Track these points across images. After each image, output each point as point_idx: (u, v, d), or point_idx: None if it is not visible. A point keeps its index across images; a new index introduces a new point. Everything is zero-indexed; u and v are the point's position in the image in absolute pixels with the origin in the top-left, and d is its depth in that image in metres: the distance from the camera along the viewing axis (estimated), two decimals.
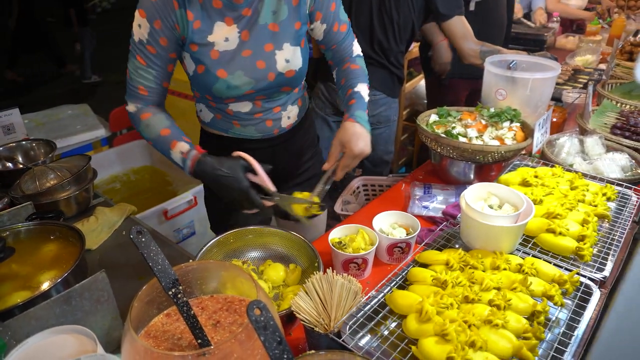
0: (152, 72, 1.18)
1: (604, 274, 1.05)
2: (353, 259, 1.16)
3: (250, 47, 1.20)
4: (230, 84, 1.20)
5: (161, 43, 1.14)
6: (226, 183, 1.12)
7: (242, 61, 1.20)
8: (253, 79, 1.22)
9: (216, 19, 1.16)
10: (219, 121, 1.37)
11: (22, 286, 0.96)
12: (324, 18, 1.30)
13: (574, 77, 2.68)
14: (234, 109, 1.31)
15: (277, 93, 1.31)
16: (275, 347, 0.63)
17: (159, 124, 1.20)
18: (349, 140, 1.24)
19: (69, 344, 0.73)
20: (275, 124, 1.38)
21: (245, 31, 1.19)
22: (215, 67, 1.18)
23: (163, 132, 1.19)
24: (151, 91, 1.21)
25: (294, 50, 1.25)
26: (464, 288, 0.95)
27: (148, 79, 1.19)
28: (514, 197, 1.14)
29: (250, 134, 1.38)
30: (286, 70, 1.25)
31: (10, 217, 1.21)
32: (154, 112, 1.22)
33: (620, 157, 1.63)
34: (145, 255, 0.81)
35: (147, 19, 1.12)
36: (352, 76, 1.38)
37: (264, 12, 1.19)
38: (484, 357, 0.80)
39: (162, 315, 0.90)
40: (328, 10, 1.30)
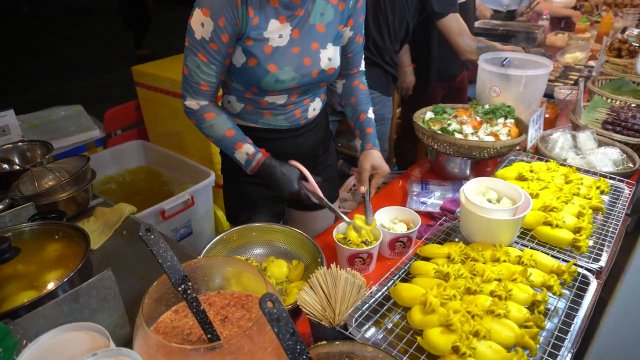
0: (214, 68, 1.25)
1: (600, 264, 1.08)
2: (358, 254, 1.17)
3: (299, 44, 1.28)
4: (279, 78, 1.27)
5: (223, 40, 1.20)
6: (282, 184, 1.30)
7: (291, 57, 1.27)
8: (299, 74, 1.29)
9: (271, 16, 1.23)
10: (248, 112, 1.42)
11: (28, 286, 0.96)
12: (353, 26, 1.41)
13: (564, 73, 2.72)
14: (270, 100, 1.37)
15: (315, 88, 1.41)
16: (288, 339, 0.64)
17: (223, 125, 1.33)
18: (379, 165, 1.42)
19: (81, 340, 0.74)
20: (303, 114, 1.45)
21: (296, 30, 1.27)
22: (267, 62, 1.25)
23: (228, 133, 1.33)
24: (212, 86, 1.30)
25: (335, 49, 1.35)
26: (465, 280, 0.97)
27: (210, 75, 1.26)
28: (511, 191, 1.16)
29: (279, 124, 1.44)
30: (328, 68, 1.34)
31: (11, 218, 1.21)
32: (217, 112, 1.33)
33: (612, 151, 1.67)
34: (154, 252, 0.82)
35: (211, 17, 1.17)
36: (363, 99, 1.53)
37: (314, 13, 1.28)
38: (488, 346, 0.82)
39: (170, 311, 0.91)
40: (358, 20, 1.41)
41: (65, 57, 7.63)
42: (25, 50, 8.08)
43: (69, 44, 8.38)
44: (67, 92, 5.92)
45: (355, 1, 1.36)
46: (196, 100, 1.30)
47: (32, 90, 6.10)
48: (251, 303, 0.92)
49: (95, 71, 6.76)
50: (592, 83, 2.29)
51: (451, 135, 1.61)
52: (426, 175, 1.81)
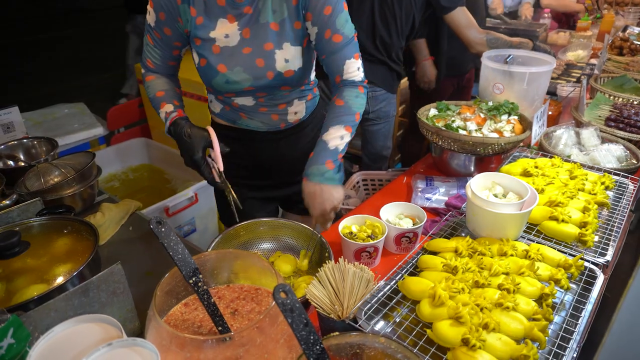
0: (158, 52, 1.31)
1: (607, 259, 1.09)
2: (364, 248, 1.18)
3: (251, 44, 1.23)
4: (230, 79, 1.25)
5: (165, 32, 1.24)
6: (186, 148, 1.23)
7: (242, 58, 1.23)
8: (252, 76, 1.25)
9: (219, 15, 1.21)
10: (227, 112, 1.42)
11: (38, 279, 0.96)
12: (315, 20, 1.21)
13: (567, 71, 2.73)
14: (239, 102, 1.36)
15: (278, 91, 1.34)
16: (302, 329, 0.65)
17: (157, 86, 1.35)
18: (307, 204, 1.22)
19: (94, 332, 0.75)
20: (282, 118, 1.41)
21: (247, 29, 1.22)
22: (216, 62, 1.24)
23: (158, 93, 1.33)
24: (157, 66, 1.36)
25: (295, 50, 1.25)
26: (473, 273, 0.98)
27: (154, 57, 1.33)
28: (517, 186, 1.17)
29: (256, 127, 1.41)
30: (285, 70, 1.26)
31: (19, 213, 1.21)
32: (157, 76, 1.37)
33: (616, 147, 1.67)
34: (165, 245, 0.82)
35: (154, 9, 1.22)
36: (330, 117, 1.26)
37: (265, 11, 1.21)
38: (497, 338, 0.83)
39: (180, 304, 0.92)
40: (321, 13, 1.20)
41: (66, 55, 7.63)
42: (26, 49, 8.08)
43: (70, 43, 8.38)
44: (69, 90, 5.91)
45: None
46: (144, 69, 1.38)
47: (34, 89, 6.10)
48: (261, 296, 0.93)
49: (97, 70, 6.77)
50: (594, 80, 2.30)
51: (455, 132, 1.62)
52: (430, 171, 1.81)
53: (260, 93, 1.32)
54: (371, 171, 2.35)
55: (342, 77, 1.27)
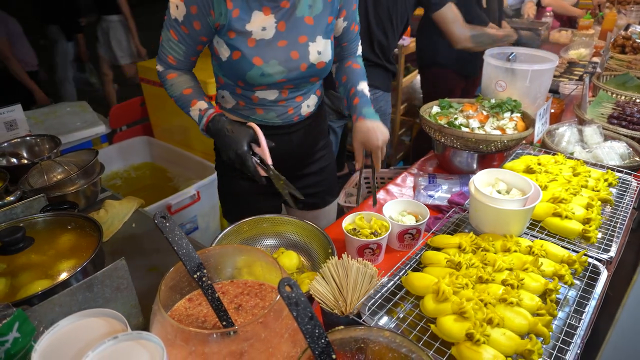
0: (183, 48, 1.26)
1: (610, 255, 1.09)
2: (368, 245, 1.18)
3: (286, 37, 1.24)
4: (265, 72, 1.25)
5: (194, 27, 1.20)
6: (230, 143, 1.23)
7: (277, 51, 1.24)
8: (286, 68, 1.26)
9: (254, 8, 1.20)
10: (241, 108, 1.41)
11: (43, 274, 0.96)
12: (347, 16, 1.36)
13: (569, 69, 2.73)
14: (261, 95, 1.35)
15: (306, 83, 1.37)
16: (307, 322, 0.65)
17: (183, 84, 1.32)
18: (367, 139, 1.36)
19: (99, 326, 0.75)
20: (296, 111, 1.43)
21: (282, 22, 1.23)
22: (251, 55, 1.22)
23: (185, 91, 1.31)
24: (179, 62, 1.31)
25: (326, 43, 1.31)
26: (477, 269, 0.98)
27: (178, 52, 1.28)
28: (521, 182, 1.17)
29: (271, 121, 1.42)
30: (318, 62, 1.30)
31: (23, 209, 1.21)
32: (179, 73, 1.33)
33: (619, 145, 1.67)
34: (170, 240, 0.83)
35: (185, 3, 1.17)
36: (354, 75, 1.45)
37: (301, 5, 1.24)
38: (501, 333, 0.83)
39: (184, 300, 0.92)
40: (351, 9, 1.36)
41: None
42: None
43: None
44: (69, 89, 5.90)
45: None
46: (162, 66, 1.33)
47: None
48: (264, 292, 0.93)
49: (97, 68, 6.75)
50: (597, 79, 2.29)
51: (458, 129, 1.61)
52: (433, 169, 1.81)
53: (289, 85, 1.33)
54: None
55: (355, 54, 1.51)
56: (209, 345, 0.72)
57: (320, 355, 0.64)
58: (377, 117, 1.39)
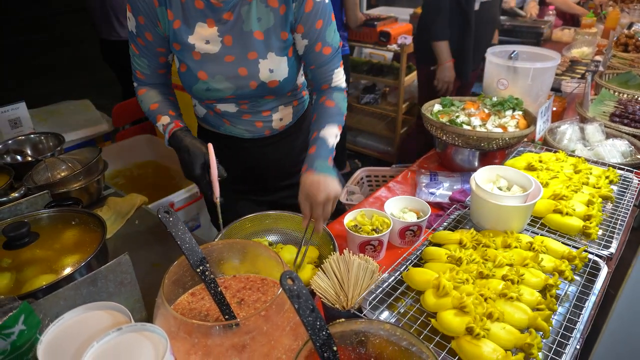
0: (145, 61, 1.26)
1: (611, 251, 1.09)
2: (369, 241, 1.19)
3: (234, 53, 1.18)
4: (211, 87, 1.21)
5: (147, 37, 1.20)
6: (185, 163, 1.20)
7: (223, 66, 1.19)
8: (234, 85, 1.21)
9: (197, 20, 1.15)
10: (211, 117, 1.39)
11: (48, 269, 0.97)
12: (306, 33, 1.20)
13: (571, 68, 2.73)
14: (221, 108, 1.32)
15: (262, 99, 1.30)
16: (308, 315, 0.66)
17: (150, 98, 1.31)
18: (310, 193, 1.13)
19: (103, 319, 0.76)
20: (266, 125, 1.37)
21: (229, 36, 1.17)
22: (196, 68, 1.19)
23: (152, 106, 1.29)
24: (147, 76, 1.30)
25: (280, 60, 1.21)
26: (478, 265, 0.98)
27: (142, 66, 1.28)
28: (522, 179, 1.17)
29: (240, 133, 1.38)
30: (269, 80, 1.22)
31: (28, 206, 1.22)
32: (148, 89, 1.32)
33: (620, 143, 1.67)
34: (173, 234, 0.84)
35: (133, 13, 1.17)
36: (322, 115, 1.26)
37: (248, 19, 1.16)
38: (501, 327, 0.83)
39: (187, 294, 0.93)
40: (312, 26, 1.19)
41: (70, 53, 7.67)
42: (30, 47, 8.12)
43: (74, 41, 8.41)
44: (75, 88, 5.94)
45: (299, 3, 1.16)
46: (135, 82, 1.33)
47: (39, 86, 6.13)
48: (266, 286, 0.94)
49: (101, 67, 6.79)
50: (599, 77, 2.29)
51: (459, 127, 1.62)
52: (434, 167, 1.82)
53: (243, 101, 1.28)
54: (375, 167, 2.36)
55: (331, 85, 1.30)
56: (211, 338, 0.73)
57: (321, 347, 0.65)
58: (331, 171, 1.17)
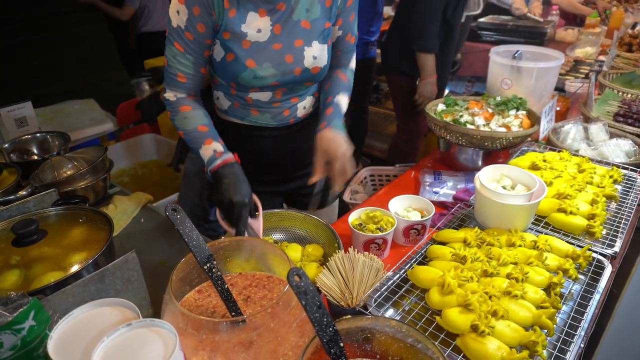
0: (190, 59, 1.21)
1: (615, 250, 1.09)
2: (374, 240, 1.19)
3: (281, 41, 1.23)
4: (258, 75, 1.24)
5: (199, 29, 1.17)
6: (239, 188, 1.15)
7: (271, 54, 1.23)
8: (280, 71, 1.25)
9: (250, 9, 1.19)
10: (236, 109, 1.40)
11: (56, 266, 0.98)
12: (342, 25, 1.34)
13: (575, 67, 2.73)
14: (254, 97, 1.34)
15: (300, 87, 1.36)
16: (315, 311, 0.66)
17: (198, 119, 1.26)
18: (330, 147, 1.24)
19: (112, 315, 0.77)
20: (292, 113, 1.42)
21: (278, 25, 1.22)
22: (244, 57, 1.21)
23: (201, 128, 1.25)
24: (189, 78, 1.25)
25: (322, 48, 1.29)
26: (482, 263, 0.99)
27: (186, 65, 1.22)
28: (526, 178, 1.18)
29: (266, 122, 1.41)
30: (312, 67, 1.29)
31: (35, 204, 1.23)
32: (194, 107, 1.27)
33: (624, 142, 1.67)
34: (180, 232, 0.85)
35: (186, 5, 1.15)
36: (337, 84, 1.41)
37: (298, 9, 1.23)
38: (506, 325, 0.84)
39: (194, 291, 0.94)
40: (348, 18, 1.34)
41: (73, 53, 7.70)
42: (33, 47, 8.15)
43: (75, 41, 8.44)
44: (77, 87, 5.96)
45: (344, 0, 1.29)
46: (174, 92, 1.26)
47: (42, 85, 6.16)
48: (272, 284, 0.95)
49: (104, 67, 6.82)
50: (603, 77, 2.29)
51: (463, 126, 1.62)
52: (438, 166, 1.82)
53: (282, 88, 1.32)
54: (379, 166, 2.36)
55: (346, 66, 1.47)
56: (219, 334, 0.74)
57: (328, 343, 0.66)
58: (344, 133, 1.30)
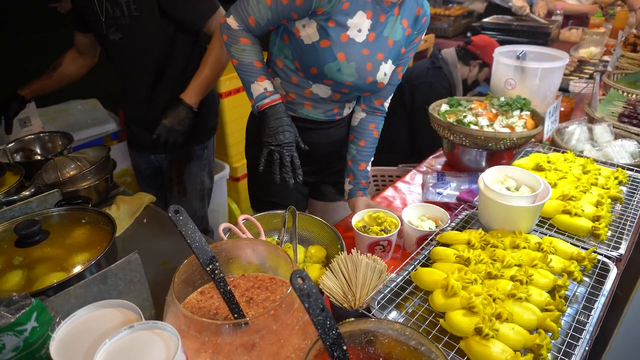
0: (270, 15, 1.22)
1: (620, 252, 1.09)
2: (378, 242, 1.19)
3: (370, 48, 1.28)
4: (342, 69, 1.27)
5: (296, 2, 1.18)
6: (288, 130, 1.27)
7: (360, 56, 1.27)
8: (358, 74, 1.29)
9: (361, 7, 1.23)
10: (290, 101, 1.45)
11: (58, 267, 0.98)
12: (403, 56, 1.41)
13: (579, 68, 2.71)
14: (315, 90, 1.39)
15: (359, 93, 1.43)
16: (318, 314, 0.66)
17: (255, 54, 1.29)
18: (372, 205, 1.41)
19: (114, 316, 0.76)
20: (340, 111, 1.50)
21: (373, 34, 1.28)
22: (338, 49, 1.24)
23: (257, 63, 1.29)
24: (258, 27, 1.26)
25: (391, 68, 1.36)
26: (486, 265, 0.98)
27: (262, 17, 1.23)
28: (530, 180, 1.17)
29: (317, 116, 1.47)
30: (380, 81, 1.35)
31: (38, 204, 1.23)
32: (253, 42, 1.29)
33: (629, 143, 1.66)
34: (183, 233, 0.84)
35: None
36: (371, 146, 1.53)
37: (389, 27, 1.30)
38: (510, 328, 0.83)
39: (196, 293, 0.93)
40: (407, 54, 1.42)
41: None
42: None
43: None
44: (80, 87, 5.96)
45: (417, 34, 1.38)
46: (239, 24, 1.26)
47: None
48: (275, 285, 0.94)
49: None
50: (607, 77, 2.28)
51: (467, 127, 1.62)
52: (442, 167, 1.82)
53: (345, 90, 1.36)
54: (382, 167, 2.35)
55: (383, 103, 1.51)
56: (221, 336, 0.74)
57: (331, 346, 0.65)
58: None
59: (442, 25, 4.26)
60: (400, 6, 1.29)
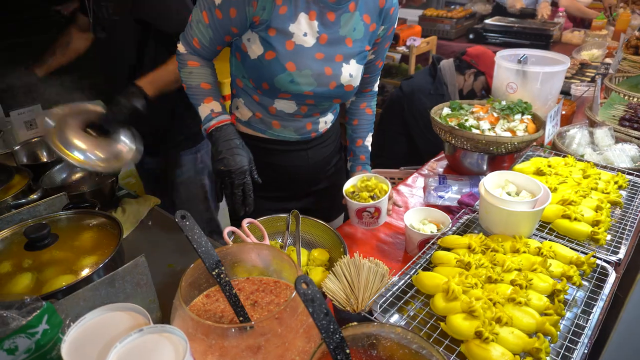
0: (210, 33, 1.19)
1: (619, 257, 1.10)
2: (365, 208, 1.20)
3: (324, 51, 1.22)
4: (295, 80, 1.21)
5: (230, 14, 1.14)
6: (236, 154, 1.18)
7: (313, 62, 1.21)
8: (317, 81, 1.24)
9: (301, 10, 1.16)
10: (257, 120, 1.39)
11: (68, 270, 1.00)
12: (377, 51, 1.39)
13: (581, 71, 2.72)
14: (279, 107, 1.32)
15: (327, 102, 1.35)
16: (322, 318, 0.68)
17: (203, 76, 1.26)
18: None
19: (123, 319, 0.78)
20: (314, 127, 1.42)
21: (325, 35, 1.20)
22: (286, 58, 1.18)
23: (204, 85, 1.25)
24: (203, 48, 1.24)
25: (358, 68, 1.30)
26: (486, 269, 1.00)
27: (204, 37, 1.21)
28: (531, 184, 1.18)
29: (289, 136, 1.40)
30: (347, 84, 1.29)
31: (46, 207, 1.25)
32: (202, 64, 1.27)
33: (630, 147, 1.67)
34: (189, 238, 0.86)
35: None
36: (365, 124, 1.51)
37: (347, 26, 1.23)
38: (510, 331, 0.85)
39: (202, 296, 0.95)
40: (383, 45, 1.39)
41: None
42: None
43: None
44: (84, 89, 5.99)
45: (387, 28, 1.32)
46: (185, 47, 1.25)
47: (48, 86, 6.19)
48: (279, 289, 0.96)
49: None
50: (609, 80, 2.29)
51: (468, 131, 1.63)
52: (443, 170, 1.83)
53: (310, 101, 1.30)
54: (383, 169, 2.37)
55: (372, 89, 1.53)
56: (228, 339, 0.76)
57: (335, 349, 0.67)
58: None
59: (444, 27, 4.27)
60: (357, 2, 1.21)
